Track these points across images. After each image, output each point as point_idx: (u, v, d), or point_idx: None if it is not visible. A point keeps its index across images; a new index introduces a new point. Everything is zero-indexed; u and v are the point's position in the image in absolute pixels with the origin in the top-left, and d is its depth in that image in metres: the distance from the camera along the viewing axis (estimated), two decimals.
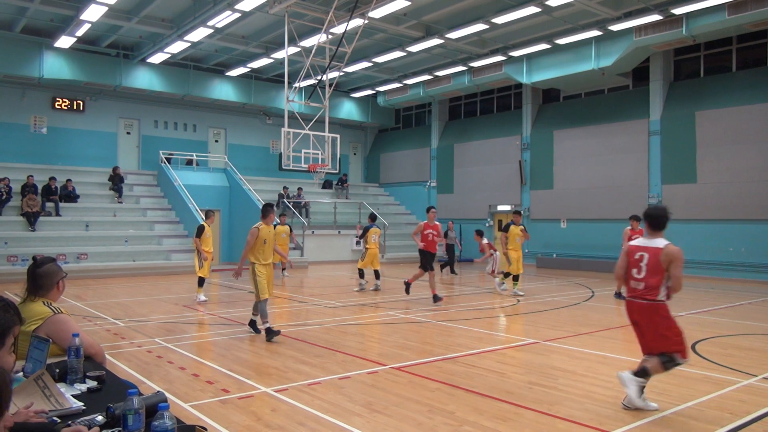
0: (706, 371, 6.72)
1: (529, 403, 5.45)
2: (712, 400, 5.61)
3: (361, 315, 10.61)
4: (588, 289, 15.15)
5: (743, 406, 5.41)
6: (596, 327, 9.52)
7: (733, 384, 6.15)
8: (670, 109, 19.74)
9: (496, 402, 5.48)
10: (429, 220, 12.15)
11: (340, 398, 5.54)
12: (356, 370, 6.61)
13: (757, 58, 18.45)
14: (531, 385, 6.05)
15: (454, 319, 10.28)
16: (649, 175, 20.05)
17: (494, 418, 5.01)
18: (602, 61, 19.34)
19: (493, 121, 25.84)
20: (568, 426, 4.85)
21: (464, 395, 5.68)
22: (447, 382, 6.12)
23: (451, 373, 6.54)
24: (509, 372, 6.61)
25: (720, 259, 18.17)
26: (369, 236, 14.54)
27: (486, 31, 19.33)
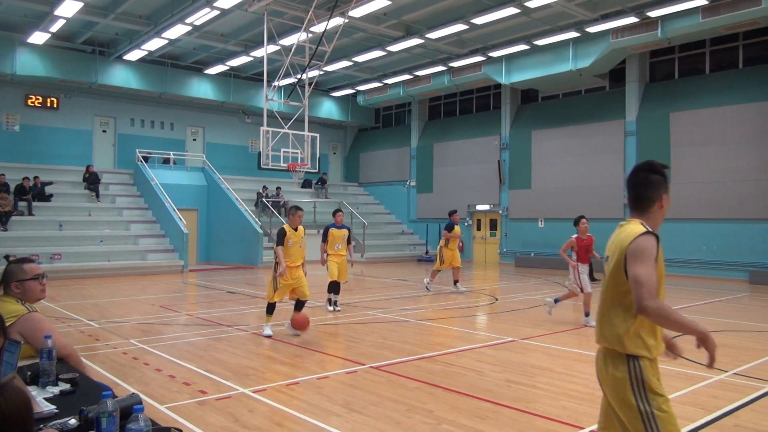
0: (680, 368, 6.83)
1: (508, 401, 5.50)
2: (685, 395, 5.71)
3: (340, 314, 10.59)
4: (565, 288, 15.28)
5: (715, 401, 5.51)
6: (573, 325, 9.63)
7: (706, 380, 6.26)
8: (645, 110, 20.03)
9: (475, 400, 5.51)
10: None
11: (318, 398, 5.53)
12: (335, 369, 6.60)
13: (730, 61, 18.81)
14: (509, 383, 6.10)
15: (433, 318, 10.32)
16: (624, 175, 20.25)
17: (473, 417, 5.04)
18: (580, 62, 19.55)
19: (473, 121, 25.98)
20: (546, 423, 4.90)
21: (443, 394, 5.71)
22: (426, 381, 6.14)
23: (429, 372, 6.56)
24: (487, 370, 6.65)
25: (694, 258, 18.49)
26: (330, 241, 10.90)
27: (466, 32, 19.43)
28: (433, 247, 25.95)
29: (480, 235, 25.27)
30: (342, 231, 10.93)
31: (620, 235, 2.82)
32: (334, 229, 10.97)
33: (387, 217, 28.60)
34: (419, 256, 25.46)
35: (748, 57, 18.40)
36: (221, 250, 22.47)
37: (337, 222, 11.01)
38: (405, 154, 28.43)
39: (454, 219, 14.32)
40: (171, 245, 19.92)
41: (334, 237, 10.91)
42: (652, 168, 2.89)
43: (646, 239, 2.66)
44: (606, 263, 2.88)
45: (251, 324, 9.64)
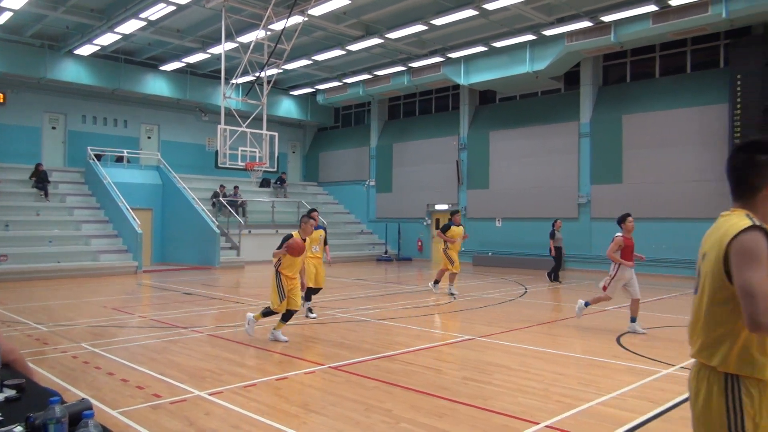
0: (630, 362, 7.05)
1: (465, 398, 5.57)
2: (635, 389, 5.89)
3: (299, 315, 10.52)
4: (522, 286, 15.58)
5: (663, 394, 5.70)
6: (529, 323, 9.81)
7: (655, 374, 6.48)
8: (599, 113, 20.56)
9: (433, 398, 5.56)
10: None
11: (276, 399, 5.49)
12: (293, 370, 6.56)
13: (678, 66, 19.47)
14: (466, 381, 6.17)
15: (392, 317, 10.36)
16: (579, 176, 20.82)
17: (431, 415, 5.08)
18: (536, 64, 19.92)
19: (432, 121, 26.18)
20: (502, 419, 4.98)
21: (401, 393, 5.74)
22: (384, 380, 6.16)
23: (388, 371, 6.59)
24: (445, 368, 6.72)
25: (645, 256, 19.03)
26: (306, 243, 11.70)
27: (425, 32, 19.56)
28: (393, 246, 26.10)
29: None
30: (318, 232, 10.23)
31: (720, 229, 2.34)
32: None
33: (346, 217, 28.57)
34: (378, 256, 25.51)
35: (695, 62, 19.09)
36: (177, 250, 22.03)
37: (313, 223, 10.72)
38: (364, 153, 28.44)
39: (454, 220, 13.57)
40: (124, 246, 19.43)
41: (311, 238, 10.05)
42: (758, 147, 2.31)
43: (753, 236, 2.17)
44: (702, 262, 2.46)
45: (207, 326, 9.49)
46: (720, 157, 17.53)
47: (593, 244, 20.11)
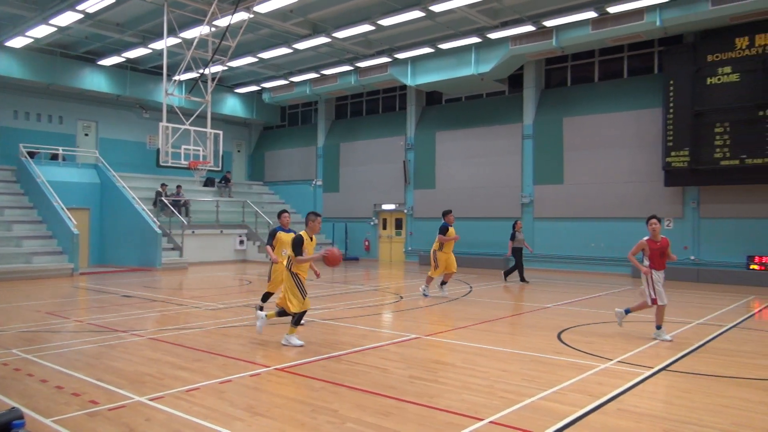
0: (570, 358, 7.27)
1: (411, 396, 5.60)
2: (575, 384, 6.07)
3: (245, 317, 10.36)
4: (467, 285, 15.82)
5: (601, 388, 5.90)
6: (474, 321, 9.97)
7: (593, 368, 6.70)
8: (541, 115, 21.11)
9: (379, 397, 5.58)
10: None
11: (220, 403, 5.38)
12: (238, 373, 6.45)
13: (616, 71, 20.20)
14: (412, 379, 6.22)
15: (339, 317, 10.33)
16: (522, 176, 21.32)
17: (377, 414, 5.09)
18: (481, 67, 20.28)
19: (379, 121, 26.26)
20: (447, 416, 5.04)
21: (348, 393, 5.73)
22: (331, 381, 6.14)
23: (334, 371, 6.56)
24: (392, 367, 6.75)
25: (584, 254, 19.72)
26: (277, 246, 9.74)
27: (372, 32, 19.60)
28: (340, 246, 26.03)
29: (386, 234, 25.59)
30: (290, 235, 9.36)
31: None
32: (282, 233, 9.70)
33: (293, 217, 28.16)
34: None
35: (631, 68, 19.85)
36: (116, 251, 21.31)
37: (284, 224, 9.85)
38: (311, 153, 28.26)
39: (448, 220, 13.22)
40: (59, 247, 18.64)
41: (282, 242, 9.55)
42: None
43: None
44: None
45: (148, 329, 9.21)
46: (654, 159, 18.32)
47: (536, 243, 20.62)
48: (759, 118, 16.16)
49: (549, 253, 20.33)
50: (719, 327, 9.59)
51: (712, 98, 16.94)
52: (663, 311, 8.50)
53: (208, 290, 14.50)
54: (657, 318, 8.55)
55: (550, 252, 20.38)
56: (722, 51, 16.83)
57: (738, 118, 16.50)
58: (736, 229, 17.28)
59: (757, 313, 11.52)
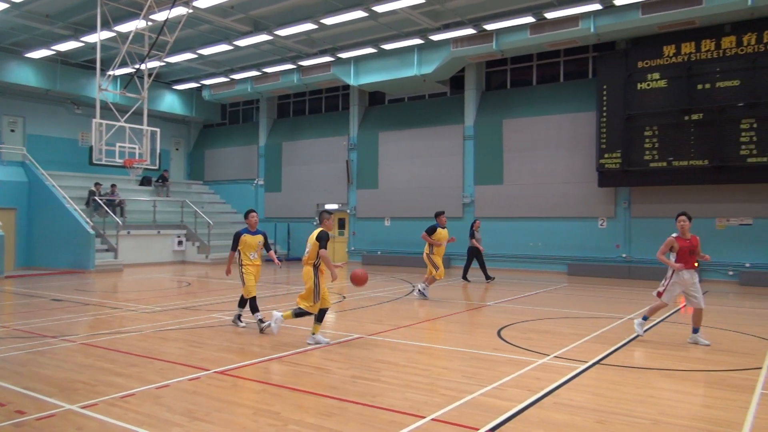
0: (509, 354, 7.45)
1: (353, 396, 5.61)
2: (513, 379, 6.23)
3: (183, 319, 10.10)
4: (410, 284, 15.96)
5: (538, 382, 6.08)
6: (416, 320, 10.07)
7: (531, 364, 6.88)
8: (482, 116, 21.53)
9: (321, 398, 5.55)
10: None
11: (157, 409, 5.22)
12: (176, 377, 6.27)
13: (553, 75, 20.83)
14: (355, 379, 6.22)
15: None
16: (463, 177, 21.68)
17: (319, 415, 5.07)
18: (423, 68, 20.49)
19: (322, 120, 26.13)
20: (390, 415, 5.07)
21: (289, 394, 5.68)
22: (272, 383, 6.06)
23: (276, 373, 6.49)
24: (334, 368, 6.73)
25: (522, 253, 20.24)
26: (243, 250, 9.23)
27: (315, 31, 19.48)
28: (282, 246, 25.75)
29: None
30: (257, 237, 9.19)
31: None
32: (247, 234, 9.13)
33: (234, 217, 27.79)
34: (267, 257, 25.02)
35: (567, 72, 20.52)
36: (46, 253, 20.34)
37: (252, 225, 9.22)
38: (253, 152, 27.83)
39: (440, 221, 12.80)
40: None
41: (248, 244, 9.10)
42: None
43: None
44: None
45: (80, 334, 8.84)
46: (589, 161, 18.99)
47: None
48: (685, 123, 17.02)
49: (489, 252, 20.68)
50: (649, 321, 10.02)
51: (642, 103, 17.71)
52: (699, 314, 8.15)
53: (145, 293, 14.05)
54: (695, 321, 8.21)
55: (490, 251, 20.74)
56: (651, 58, 17.63)
57: (666, 122, 17.32)
58: (664, 228, 18.07)
59: (682, 308, 12.12)
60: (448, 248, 21.76)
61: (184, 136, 30.39)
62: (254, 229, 9.25)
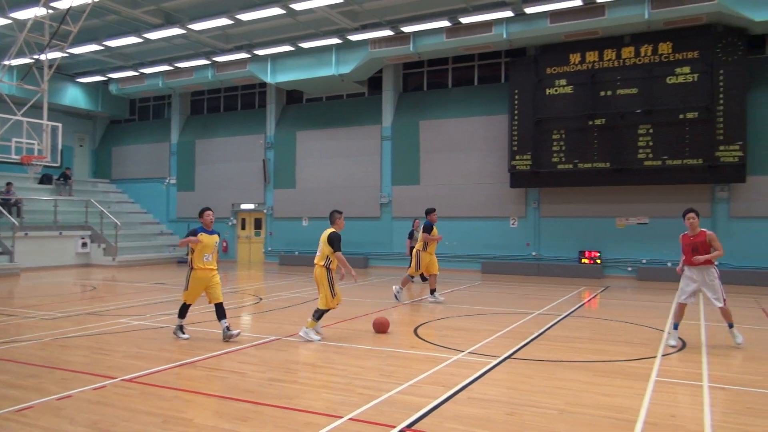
0: (425, 351, 7.59)
1: (270, 399, 5.52)
2: (429, 376, 6.35)
3: (88, 325, 9.57)
4: None
5: (453, 378, 6.23)
6: (334, 320, 10.04)
7: (446, 360, 7.04)
8: (399, 117, 21.79)
9: (237, 402, 5.43)
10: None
11: (58, 421, 4.92)
12: (79, 387, 5.93)
13: (468, 78, 21.41)
14: (271, 382, 6.13)
15: (195, 322, 9.89)
16: (381, 177, 21.86)
17: (234, 419, 4.95)
18: (341, 68, 20.48)
19: (238, 118, 25.54)
20: (307, 417, 5.03)
21: (203, 400, 5.51)
22: (185, 389, 5.86)
23: (189, 378, 6.28)
24: (250, 371, 6.60)
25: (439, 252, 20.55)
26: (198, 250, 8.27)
27: (230, 27, 19.01)
28: None
29: (244, 234, 24.96)
30: (213, 237, 8.37)
31: None
32: (203, 234, 8.29)
33: (143, 217, 26.67)
34: (180, 258, 24.20)
35: (481, 76, 21.16)
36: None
37: (207, 224, 8.40)
38: (164, 149, 26.78)
39: (431, 219, 12.48)
40: None
41: (205, 245, 8.25)
42: None
43: None
44: None
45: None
46: (501, 162, 19.67)
47: (394, 242, 21.28)
48: (589, 127, 17.98)
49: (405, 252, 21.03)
50: (556, 316, 10.53)
51: (550, 107, 18.55)
52: (724, 312, 7.86)
53: (45, 298, 13.18)
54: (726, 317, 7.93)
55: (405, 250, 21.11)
56: (559, 65, 18.50)
57: (572, 126, 18.23)
58: (570, 227, 19.07)
59: (587, 302, 12.81)
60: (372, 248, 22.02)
61: (89, 132, 28.80)
62: (210, 228, 8.42)
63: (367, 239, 21.80)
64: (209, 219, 8.39)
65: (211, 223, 8.43)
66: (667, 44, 17.14)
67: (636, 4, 16.07)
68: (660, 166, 17.07)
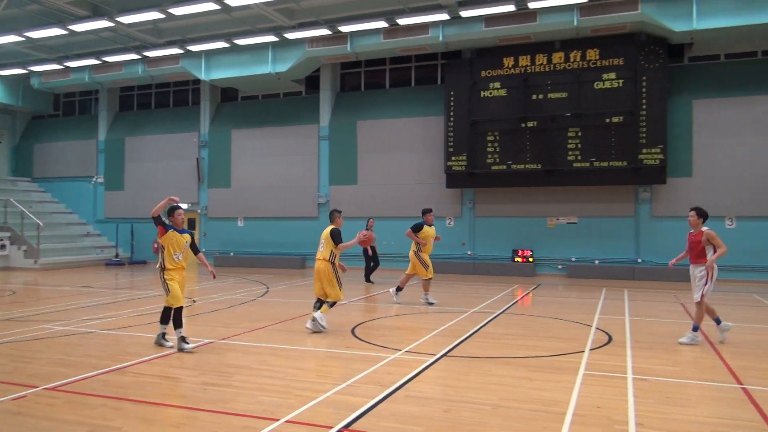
0: (363, 351, 7.60)
1: (204, 404, 5.39)
2: (367, 375, 6.36)
3: (7, 332, 9.04)
4: (263, 285, 15.69)
5: (391, 377, 6.27)
6: (270, 321, 9.92)
7: (384, 359, 7.08)
8: (336, 117, 21.74)
9: (169, 409, 5.27)
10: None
11: None
12: None
13: (405, 79, 21.60)
14: (205, 386, 5.98)
15: (124, 326, 9.54)
16: (319, 176, 21.75)
17: (167, 426, 4.81)
18: (278, 66, 20.24)
19: (170, 115, 24.78)
20: (243, 420, 4.94)
21: (133, 407, 5.31)
22: (113, 396, 5.63)
23: (118, 385, 6.04)
24: (183, 376, 6.42)
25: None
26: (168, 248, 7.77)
27: (162, 21, 18.44)
28: (125, 250, 24.05)
29: None
30: (184, 236, 7.84)
31: None
32: (174, 232, 7.75)
33: (68, 217, 25.45)
34: (108, 260, 23.26)
35: (418, 77, 21.39)
36: None
37: (177, 223, 7.84)
38: (91, 147, 25.66)
39: (427, 219, 12.16)
40: None
41: (173, 243, 7.73)
42: None
43: None
44: None
45: None
46: (438, 163, 19.95)
47: None
48: (521, 129, 18.51)
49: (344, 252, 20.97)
50: (491, 314, 10.78)
51: (485, 110, 18.97)
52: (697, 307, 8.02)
53: None
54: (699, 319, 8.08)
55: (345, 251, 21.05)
56: (493, 68, 18.95)
57: (505, 128, 18.71)
58: (504, 227, 19.57)
59: (520, 300, 13.18)
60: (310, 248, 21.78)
61: (9, 128, 27.23)
62: (181, 228, 7.88)
63: (304, 239, 21.63)
64: (180, 219, 7.86)
65: (183, 223, 7.93)
66: (594, 51, 17.87)
67: (566, 12, 16.67)
68: (588, 168, 17.76)
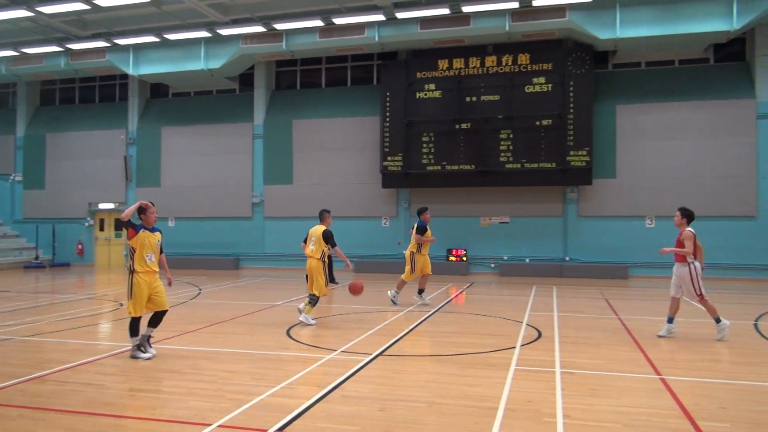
0: (298, 352, 7.53)
1: (131, 411, 5.20)
2: (302, 377, 6.31)
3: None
4: (195, 287, 15.29)
5: (326, 377, 6.24)
6: (202, 324, 9.68)
7: (319, 360, 7.03)
8: (271, 116, 21.43)
9: (94, 417, 5.04)
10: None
11: None
12: None
13: (341, 79, 21.53)
14: (133, 393, 5.77)
15: (45, 332, 9.06)
16: (253, 176, 21.37)
17: None
18: (211, 62, 19.75)
19: (95, 111, 23.72)
20: (172, 427, 4.79)
21: (55, 417, 5.05)
22: (32, 406, 5.34)
23: (37, 394, 5.73)
24: (109, 382, 6.16)
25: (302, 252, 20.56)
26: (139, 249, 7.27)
27: (87, 12, 17.63)
28: (46, 252, 22.87)
29: (103, 236, 23.26)
30: (155, 235, 7.42)
31: None
32: (145, 231, 7.25)
33: None
34: (27, 263, 22.04)
35: (354, 77, 21.38)
36: None
37: (150, 222, 7.36)
38: (8, 143, 24.22)
39: (424, 219, 12.00)
40: None
41: (145, 243, 7.23)
42: None
43: None
44: None
45: None
46: (374, 163, 20.02)
47: (266, 242, 20.91)
48: (455, 131, 18.83)
49: (279, 252, 20.76)
50: (426, 312, 10.92)
51: (420, 111, 19.19)
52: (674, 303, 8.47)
53: None
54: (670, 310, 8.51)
55: (280, 251, 20.82)
56: (428, 70, 19.19)
57: (440, 129, 18.98)
58: (439, 226, 19.78)
59: (454, 298, 13.41)
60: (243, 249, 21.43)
61: None
62: (152, 226, 7.39)
63: (238, 239, 21.23)
64: (153, 217, 7.37)
65: (154, 221, 7.43)
66: (525, 55, 18.41)
67: (498, 16, 17.10)
68: (519, 169, 18.28)
